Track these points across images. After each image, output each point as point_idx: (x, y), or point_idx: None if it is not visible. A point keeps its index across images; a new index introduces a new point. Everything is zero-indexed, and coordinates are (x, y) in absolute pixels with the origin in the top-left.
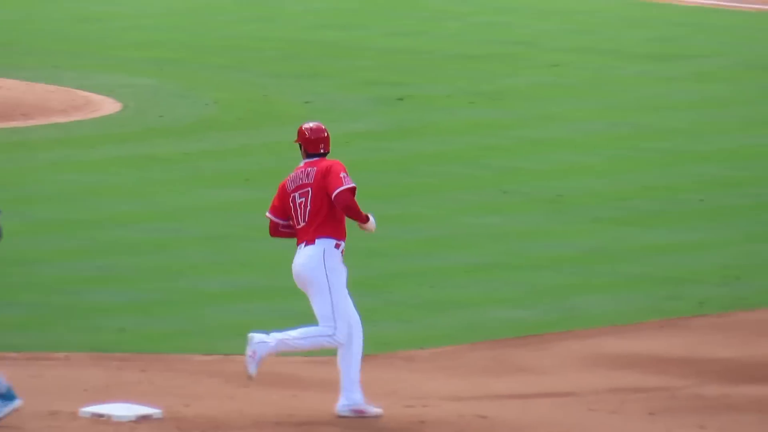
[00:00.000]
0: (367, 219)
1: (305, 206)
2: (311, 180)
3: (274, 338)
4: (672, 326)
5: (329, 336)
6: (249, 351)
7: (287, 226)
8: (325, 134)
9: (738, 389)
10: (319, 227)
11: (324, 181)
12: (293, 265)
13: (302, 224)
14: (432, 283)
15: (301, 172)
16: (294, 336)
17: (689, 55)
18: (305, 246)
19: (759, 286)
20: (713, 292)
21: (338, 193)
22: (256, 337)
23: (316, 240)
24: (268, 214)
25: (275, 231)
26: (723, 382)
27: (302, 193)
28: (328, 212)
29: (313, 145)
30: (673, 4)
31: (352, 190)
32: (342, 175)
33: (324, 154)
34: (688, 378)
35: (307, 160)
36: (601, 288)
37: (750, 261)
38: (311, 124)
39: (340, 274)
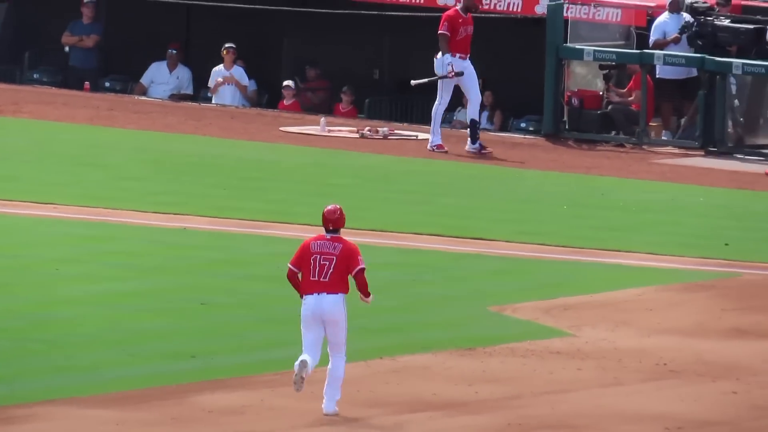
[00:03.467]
0: (369, 294)
1: (328, 268)
2: (337, 252)
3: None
4: None
5: (344, 358)
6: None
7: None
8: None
9: None
10: (339, 284)
11: (347, 257)
12: (315, 305)
13: (323, 279)
14: None
15: (328, 242)
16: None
17: None
18: (328, 294)
19: None
20: None
21: (357, 271)
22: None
23: (339, 292)
24: (290, 264)
25: (294, 278)
26: None
27: (326, 257)
28: (345, 276)
29: (336, 223)
30: None
31: (364, 270)
32: (359, 258)
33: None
34: None
35: (332, 235)
36: None
37: None
38: (332, 207)
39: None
